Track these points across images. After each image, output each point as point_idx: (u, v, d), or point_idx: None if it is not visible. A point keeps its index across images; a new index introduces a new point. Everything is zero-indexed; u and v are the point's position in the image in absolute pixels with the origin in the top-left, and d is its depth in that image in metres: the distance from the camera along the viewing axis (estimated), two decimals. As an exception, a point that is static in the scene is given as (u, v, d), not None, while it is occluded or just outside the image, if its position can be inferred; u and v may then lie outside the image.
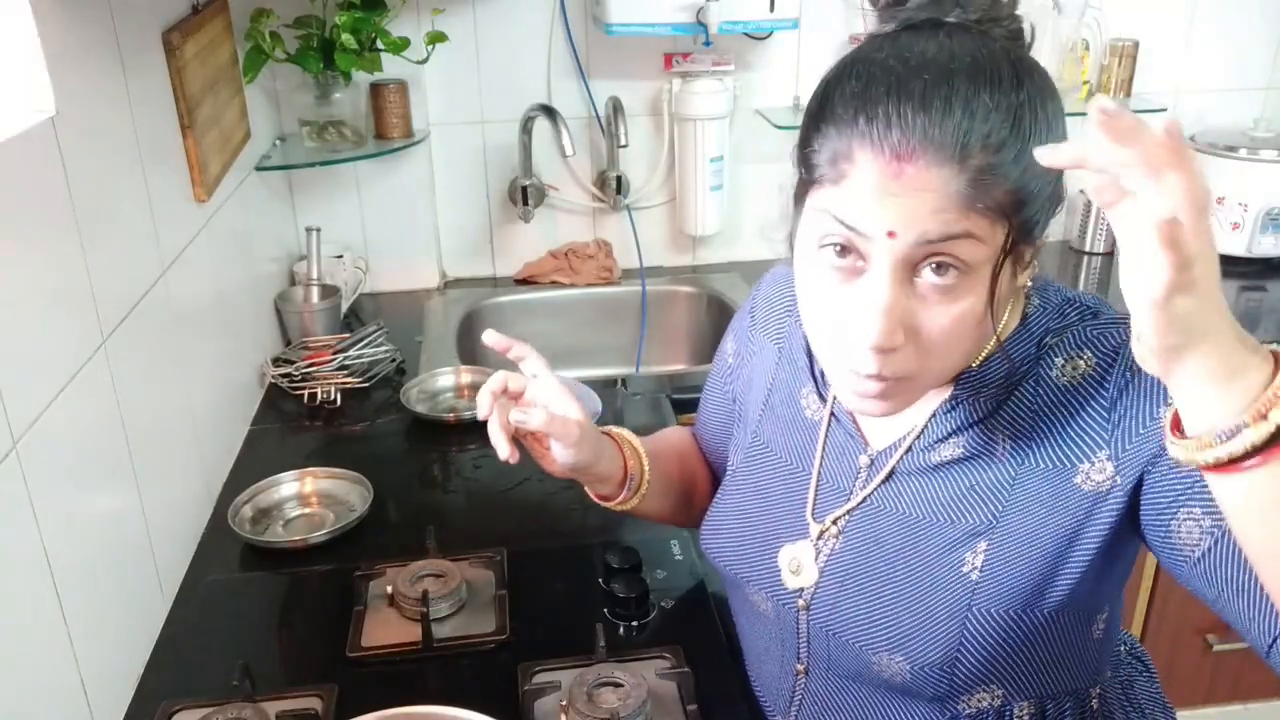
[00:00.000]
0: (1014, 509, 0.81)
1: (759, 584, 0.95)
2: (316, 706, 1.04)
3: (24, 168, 0.93)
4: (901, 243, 0.70)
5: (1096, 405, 0.79)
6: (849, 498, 0.90)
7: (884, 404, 0.77)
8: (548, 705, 1.02)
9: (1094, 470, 0.78)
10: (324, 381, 1.70)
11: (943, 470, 0.85)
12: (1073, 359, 0.80)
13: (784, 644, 0.95)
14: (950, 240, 0.69)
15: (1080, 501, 0.79)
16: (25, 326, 0.92)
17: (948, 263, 0.71)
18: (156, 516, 1.19)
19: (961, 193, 0.68)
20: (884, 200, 0.69)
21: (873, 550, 0.87)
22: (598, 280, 2.15)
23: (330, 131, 1.89)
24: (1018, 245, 0.72)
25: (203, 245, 1.44)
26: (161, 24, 1.35)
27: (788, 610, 0.92)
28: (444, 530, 1.30)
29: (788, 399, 0.98)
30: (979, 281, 0.72)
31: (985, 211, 0.69)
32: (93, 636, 1.00)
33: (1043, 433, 0.81)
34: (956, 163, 0.68)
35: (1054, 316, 0.83)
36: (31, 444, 0.90)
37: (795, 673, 0.95)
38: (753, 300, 1.07)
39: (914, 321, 0.73)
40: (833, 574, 0.89)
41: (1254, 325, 1.97)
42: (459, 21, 1.97)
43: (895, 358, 0.73)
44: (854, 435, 0.91)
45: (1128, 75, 2.13)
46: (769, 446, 0.98)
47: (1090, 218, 2.21)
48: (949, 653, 0.82)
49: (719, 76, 2.03)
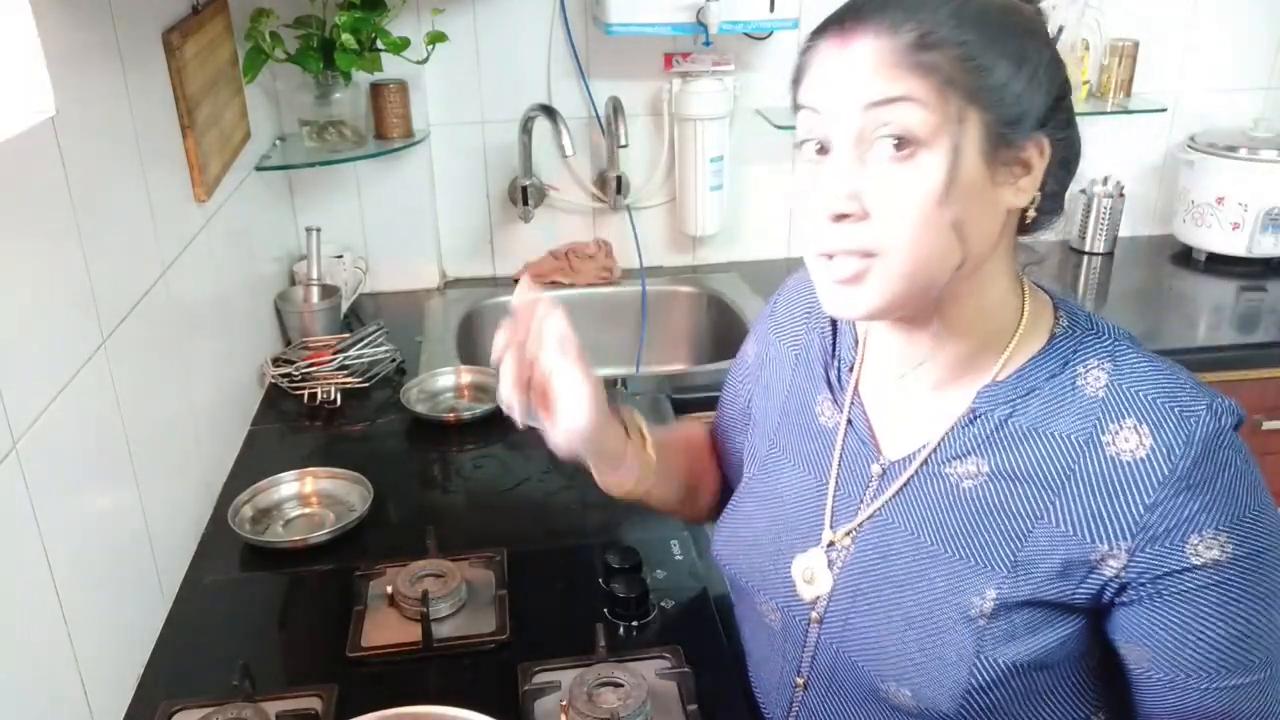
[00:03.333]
0: (1025, 562, 0.80)
1: (771, 594, 0.94)
2: (316, 706, 1.04)
3: (24, 168, 0.93)
4: (851, 109, 0.74)
5: (1140, 496, 0.76)
6: (859, 509, 0.89)
7: (856, 291, 0.77)
8: (548, 705, 1.02)
9: (1110, 557, 0.77)
10: (324, 381, 1.70)
11: (960, 496, 0.83)
12: (1135, 434, 0.77)
13: (785, 656, 0.94)
14: (892, 104, 0.73)
15: (1085, 577, 0.79)
16: (25, 326, 0.92)
17: (896, 133, 0.73)
18: (156, 516, 1.19)
19: (901, 53, 0.73)
20: (835, 74, 0.76)
21: (882, 568, 0.86)
22: (598, 280, 2.15)
23: (330, 131, 1.89)
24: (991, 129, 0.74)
25: (203, 245, 1.45)
26: (161, 24, 1.35)
27: (798, 622, 0.91)
28: (444, 530, 1.30)
29: (803, 406, 0.97)
30: (935, 156, 0.73)
31: (927, 73, 0.72)
32: (93, 636, 1.00)
33: (1073, 496, 0.79)
34: (895, 27, 0.73)
35: (1083, 339, 0.83)
36: (31, 444, 0.90)
37: (794, 685, 0.94)
38: (773, 305, 1.07)
39: (871, 194, 0.75)
40: (845, 585, 0.88)
41: (1254, 325, 1.97)
42: (459, 21, 1.97)
43: (853, 228, 0.76)
44: (867, 442, 0.90)
45: (1128, 75, 2.14)
46: (785, 454, 0.97)
47: (1090, 218, 2.21)
48: (955, 696, 0.81)
49: (719, 76, 2.03)
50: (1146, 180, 2.32)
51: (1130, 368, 0.80)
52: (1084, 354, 0.82)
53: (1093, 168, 2.22)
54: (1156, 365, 0.81)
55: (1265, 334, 1.91)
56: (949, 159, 0.73)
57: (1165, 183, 2.31)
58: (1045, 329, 0.84)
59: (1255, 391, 1.83)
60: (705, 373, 1.87)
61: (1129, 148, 2.27)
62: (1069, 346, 0.82)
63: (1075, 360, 0.82)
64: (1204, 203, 2.14)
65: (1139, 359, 0.81)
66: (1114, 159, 2.24)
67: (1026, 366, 0.83)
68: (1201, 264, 2.20)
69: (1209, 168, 2.13)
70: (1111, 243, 2.23)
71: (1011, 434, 0.82)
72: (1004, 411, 0.82)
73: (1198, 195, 2.15)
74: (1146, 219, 2.35)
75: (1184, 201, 2.19)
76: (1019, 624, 0.80)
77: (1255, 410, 1.83)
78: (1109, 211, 2.19)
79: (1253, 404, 1.81)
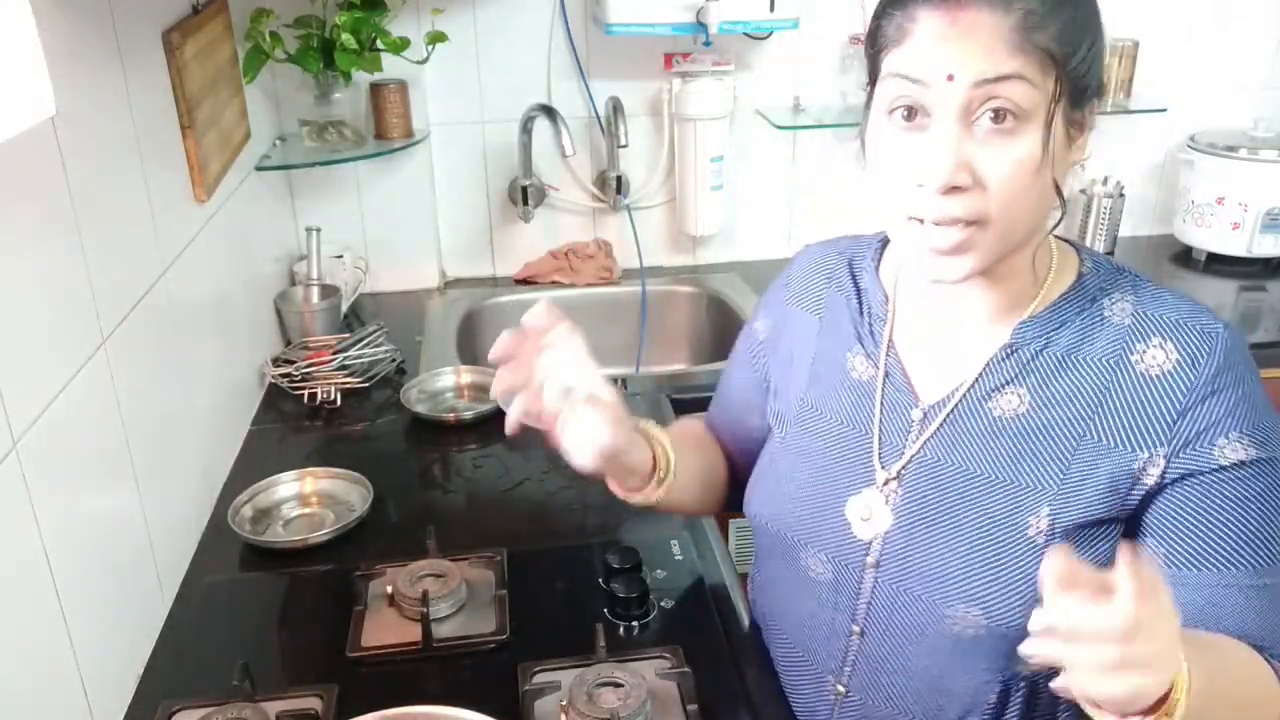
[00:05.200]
0: (1074, 478, 0.85)
1: (821, 545, 0.96)
2: (316, 706, 1.04)
3: (24, 168, 0.93)
4: (960, 85, 0.77)
5: (1170, 405, 0.83)
6: (903, 451, 0.93)
7: (960, 259, 0.81)
8: (548, 705, 1.02)
9: (1150, 464, 0.84)
10: (324, 381, 1.70)
11: (1003, 425, 0.88)
12: (1161, 350, 0.85)
13: (838, 608, 0.96)
14: (1003, 81, 0.76)
15: (1130, 488, 0.84)
16: (25, 326, 0.92)
17: (1003, 107, 0.77)
18: (156, 516, 1.19)
19: (1011, 33, 0.76)
20: (942, 46, 0.78)
21: (936, 501, 0.90)
22: (598, 280, 2.15)
23: (330, 131, 1.89)
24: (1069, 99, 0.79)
25: (203, 245, 1.44)
26: (161, 24, 1.35)
27: (851, 570, 0.94)
28: (444, 530, 1.29)
29: (833, 365, 1.00)
30: (1034, 129, 0.78)
31: (1033, 51, 0.76)
32: (93, 636, 1.00)
33: (1109, 411, 0.85)
34: (1006, 6, 0.76)
35: (1107, 277, 0.90)
36: (31, 444, 0.90)
37: (849, 633, 0.96)
38: (788, 276, 1.09)
39: (976, 165, 0.79)
40: (902, 521, 0.91)
41: (1254, 325, 1.97)
42: (459, 21, 1.97)
43: (964, 199, 0.79)
44: (904, 390, 0.94)
45: (1128, 75, 2.13)
46: (819, 410, 0.99)
47: (1090, 218, 2.21)
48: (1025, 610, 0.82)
49: (719, 76, 2.03)
50: (1146, 180, 2.31)
51: (1153, 296, 0.88)
52: (1110, 289, 0.89)
53: (1093, 168, 2.22)
54: (1178, 294, 0.89)
55: (1265, 334, 1.91)
56: (1046, 130, 0.78)
57: (1165, 183, 2.31)
58: (1073, 270, 0.91)
59: (1255, 391, 1.83)
60: (705, 373, 1.87)
61: (1129, 148, 2.27)
62: (1096, 284, 0.89)
63: (1102, 295, 0.89)
64: (1204, 203, 2.14)
65: (1160, 290, 0.89)
66: (1114, 159, 2.24)
67: (1058, 303, 0.89)
68: (1201, 264, 2.20)
69: (1209, 168, 2.12)
70: (1111, 243, 2.23)
71: (1046, 362, 0.88)
72: (1039, 343, 0.88)
73: (1198, 195, 2.15)
74: (1146, 219, 2.35)
75: (1184, 201, 2.19)
76: (1072, 539, 0.84)
77: (1255, 410, 1.83)
78: (1109, 211, 2.19)
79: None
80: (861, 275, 1.01)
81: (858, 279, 1.01)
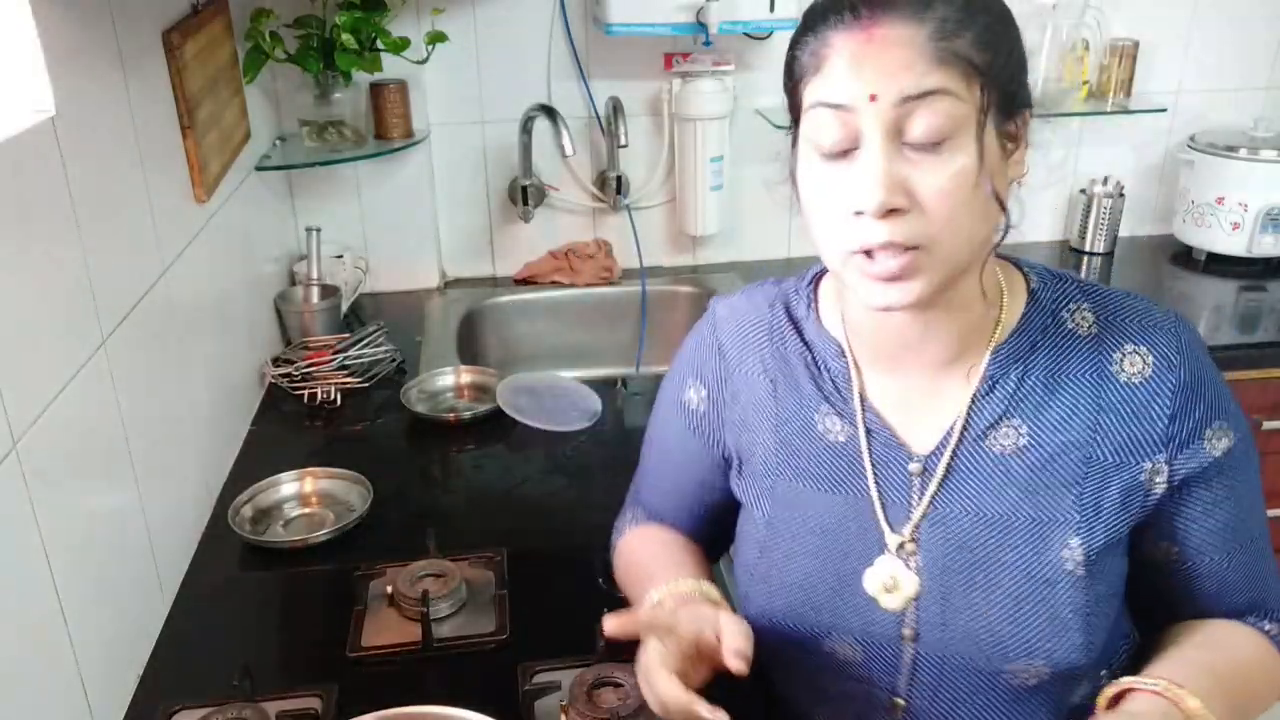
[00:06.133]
0: (1090, 502, 0.84)
1: (845, 627, 0.88)
2: (316, 706, 1.04)
3: (24, 168, 0.93)
4: (884, 104, 0.73)
5: (1160, 409, 0.84)
6: (911, 511, 0.87)
7: (907, 284, 0.77)
8: (548, 705, 1.02)
9: (1155, 471, 0.84)
10: (324, 381, 1.70)
11: (1008, 463, 0.85)
12: (1136, 355, 0.85)
13: (874, 683, 0.89)
14: (927, 96, 0.73)
15: (1144, 500, 0.85)
16: (25, 326, 0.92)
17: (931, 123, 0.73)
18: (156, 516, 1.19)
19: (928, 43, 0.73)
20: (860, 67, 0.74)
21: (961, 556, 0.85)
22: (598, 280, 2.15)
23: (330, 131, 1.89)
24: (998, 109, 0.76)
25: (203, 245, 1.44)
26: (161, 24, 1.35)
27: (886, 645, 0.87)
28: (444, 530, 1.30)
29: (803, 431, 0.92)
30: (966, 143, 0.74)
31: (954, 62, 0.73)
32: (93, 636, 1.00)
33: (1107, 429, 0.84)
34: (918, 17, 0.73)
35: (1057, 287, 0.88)
36: (31, 444, 0.90)
37: (890, 706, 0.90)
38: (714, 340, 0.98)
39: (912, 186, 0.75)
40: (932, 584, 0.85)
41: (1254, 325, 1.97)
42: (459, 21, 1.97)
43: (904, 222, 0.75)
44: (894, 444, 0.88)
45: (1128, 75, 2.13)
46: (803, 485, 0.91)
47: (1090, 218, 2.21)
48: (1086, 646, 0.83)
49: (719, 76, 2.03)
50: (1146, 180, 2.31)
51: (1104, 301, 0.87)
52: (1065, 300, 0.87)
53: (1093, 168, 2.22)
54: (1121, 293, 0.88)
55: (1265, 334, 1.91)
56: (978, 143, 0.75)
57: (1165, 183, 2.31)
58: (1021, 287, 0.88)
59: (1255, 391, 1.83)
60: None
61: (1129, 148, 2.27)
62: (1049, 297, 0.88)
63: (1059, 308, 0.87)
64: (1204, 203, 2.14)
65: (1107, 292, 0.88)
66: (1114, 159, 2.24)
67: (1020, 325, 0.86)
68: (1201, 264, 2.20)
69: (1209, 168, 2.12)
70: (1111, 243, 2.23)
71: (1032, 390, 0.86)
72: (1018, 371, 0.86)
73: (1198, 195, 2.15)
74: (1146, 219, 2.35)
75: (1184, 201, 2.19)
76: (1105, 563, 0.85)
77: (1255, 410, 1.83)
78: (1109, 211, 2.19)
79: (1253, 404, 1.81)
80: (805, 326, 0.93)
81: (801, 331, 0.93)
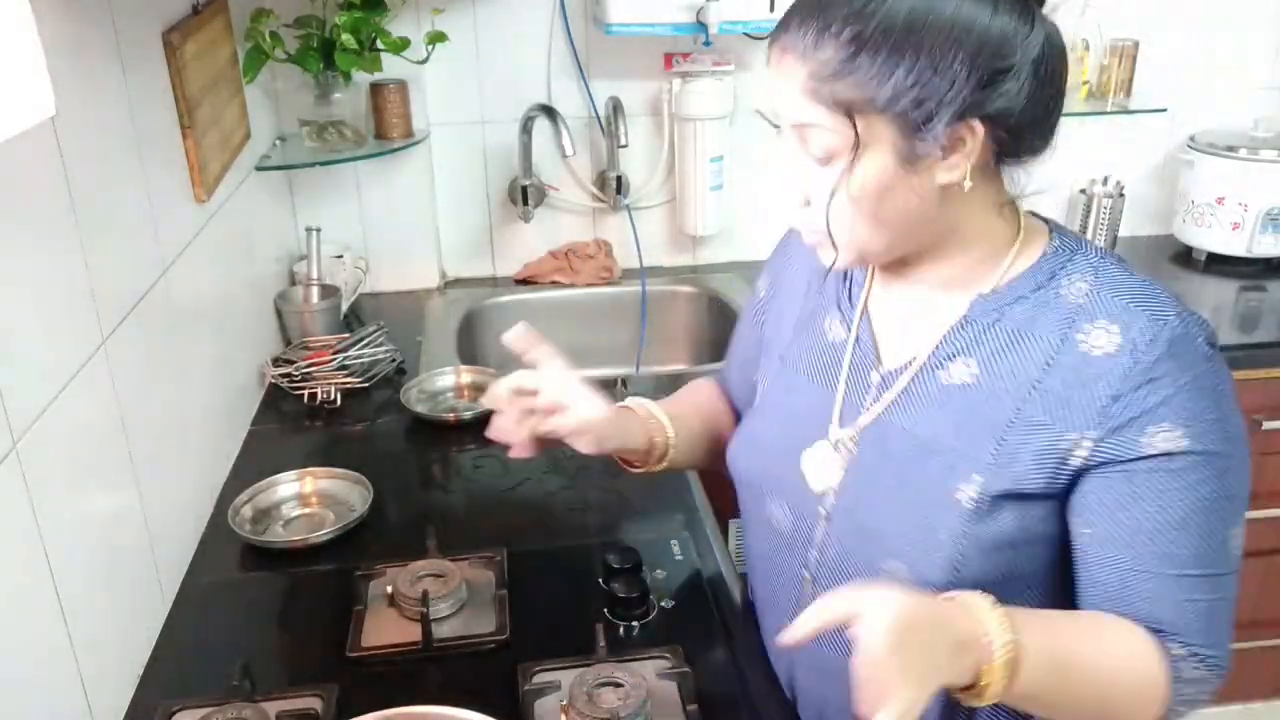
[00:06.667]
0: (1007, 450, 0.86)
1: (780, 492, 1.00)
2: (316, 706, 1.04)
3: (24, 168, 0.93)
4: (784, 122, 0.86)
5: (1104, 388, 0.83)
6: (860, 414, 0.96)
7: (825, 253, 0.91)
8: (548, 705, 1.02)
9: (1078, 446, 0.84)
10: (324, 381, 1.70)
11: (950, 393, 0.90)
12: (1106, 332, 0.85)
13: (794, 554, 1.00)
14: (804, 127, 0.84)
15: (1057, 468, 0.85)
16: (25, 326, 0.92)
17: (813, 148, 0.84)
18: (156, 516, 1.19)
19: (808, 81, 0.82)
20: (772, 87, 0.87)
21: (884, 464, 0.93)
22: (598, 280, 2.15)
23: (330, 131, 1.89)
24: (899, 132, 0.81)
25: (203, 245, 1.45)
26: (161, 24, 1.35)
27: (806, 521, 0.98)
28: (444, 530, 1.30)
29: (812, 323, 1.04)
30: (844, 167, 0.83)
31: (826, 100, 0.81)
32: (93, 636, 1.00)
33: (1047, 388, 0.86)
34: (804, 57, 0.82)
35: (1069, 256, 0.90)
36: (31, 444, 0.90)
37: (802, 580, 1.00)
38: (787, 240, 1.15)
39: (809, 188, 0.87)
40: (851, 480, 0.95)
41: (1254, 325, 1.97)
42: (459, 21, 1.97)
43: (806, 214, 0.89)
44: (870, 354, 0.97)
45: (1128, 75, 2.13)
46: (796, 369, 1.04)
47: (1090, 218, 2.21)
48: (944, 568, 0.88)
49: (719, 76, 2.03)
50: (1146, 180, 2.31)
51: (1111, 279, 0.88)
52: (1070, 269, 0.89)
53: (1093, 168, 2.22)
54: (1138, 279, 0.88)
55: (1265, 334, 1.91)
56: (853, 168, 0.83)
57: (1165, 183, 2.31)
58: (1039, 249, 0.91)
59: (1255, 391, 1.83)
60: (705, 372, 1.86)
61: (1129, 148, 2.27)
62: (1057, 262, 0.90)
63: (1061, 274, 0.89)
64: (1204, 203, 2.14)
65: (1121, 273, 0.88)
66: (1114, 159, 2.24)
67: (1018, 280, 0.90)
68: (1201, 264, 2.20)
69: (1209, 168, 2.13)
70: (1111, 243, 2.23)
71: (997, 335, 0.89)
72: (993, 317, 0.90)
73: (1198, 195, 2.15)
74: (1146, 219, 2.35)
75: (1184, 201, 2.19)
76: (1000, 508, 0.87)
77: (1255, 410, 1.83)
78: (1109, 211, 2.19)
79: (1253, 404, 1.81)
80: None
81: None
